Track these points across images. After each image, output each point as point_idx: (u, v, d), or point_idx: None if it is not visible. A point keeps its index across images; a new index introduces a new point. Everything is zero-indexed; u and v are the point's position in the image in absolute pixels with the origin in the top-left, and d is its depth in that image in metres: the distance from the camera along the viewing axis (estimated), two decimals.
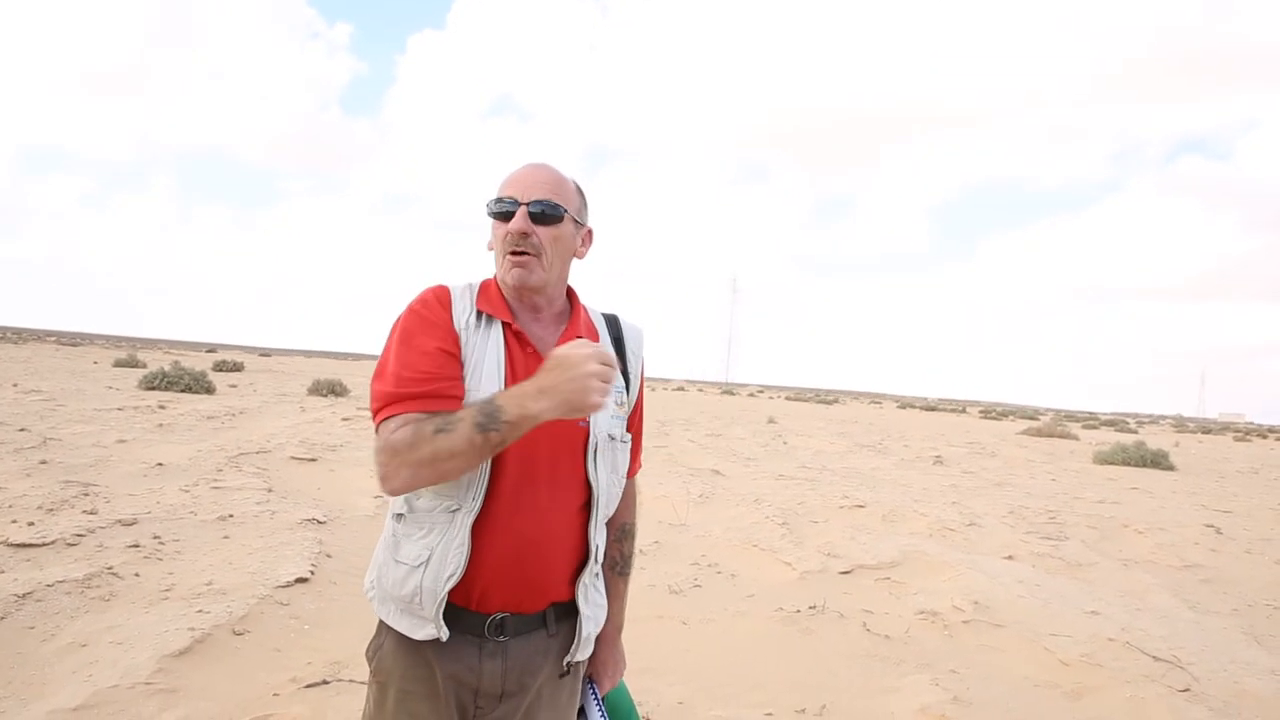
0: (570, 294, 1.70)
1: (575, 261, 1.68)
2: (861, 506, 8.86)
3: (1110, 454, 17.84)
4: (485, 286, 1.61)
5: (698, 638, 4.43)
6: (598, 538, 1.62)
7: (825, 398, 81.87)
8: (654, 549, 6.26)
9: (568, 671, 1.63)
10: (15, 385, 16.24)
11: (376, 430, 1.44)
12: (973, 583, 5.64)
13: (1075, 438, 28.71)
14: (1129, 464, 17.24)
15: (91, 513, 5.66)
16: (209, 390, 18.43)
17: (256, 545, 5.23)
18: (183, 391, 17.70)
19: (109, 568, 4.46)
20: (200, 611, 3.94)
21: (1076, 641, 4.55)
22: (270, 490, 7.10)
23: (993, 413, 63.16)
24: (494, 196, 1.59)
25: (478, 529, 1.48)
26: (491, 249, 1.63)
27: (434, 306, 1.54)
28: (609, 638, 1.77)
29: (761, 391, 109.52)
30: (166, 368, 19.42)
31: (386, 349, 1.52)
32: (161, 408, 13.66)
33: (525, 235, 1.53)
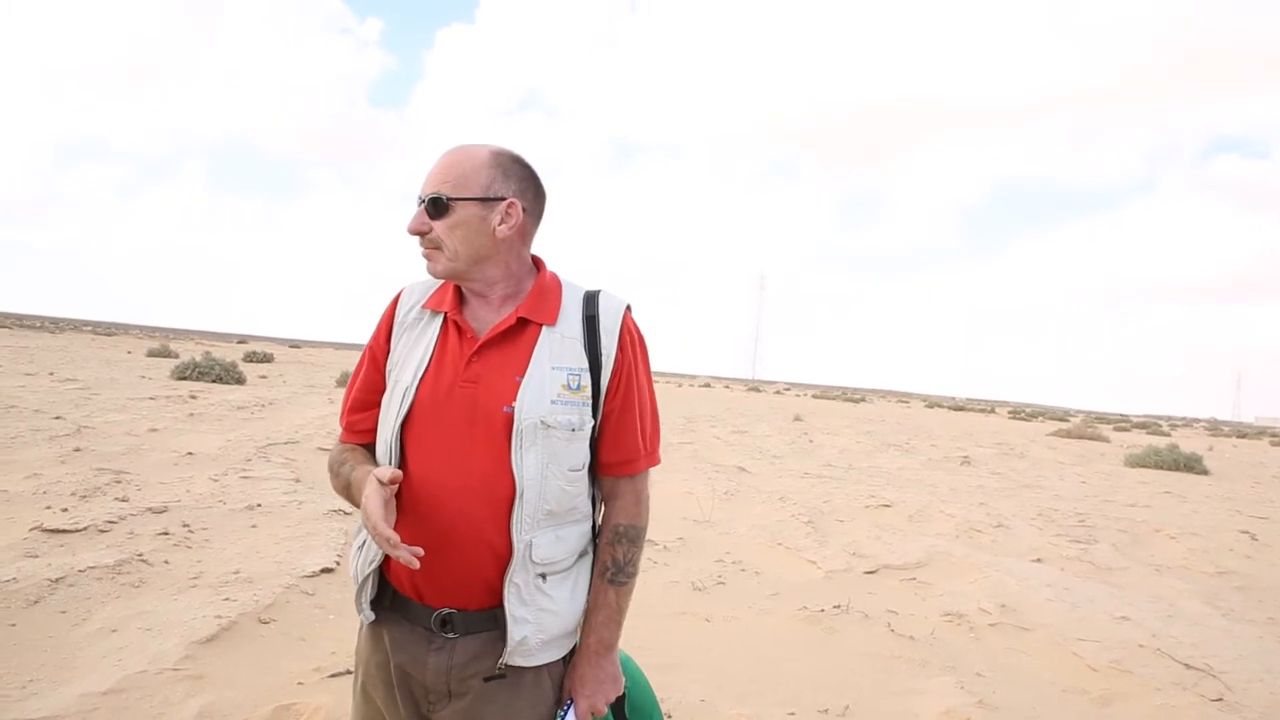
0: (539, 269, 1.64)
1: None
2: (888, 506, 8.80)
3: (1142, 457, 17.56)
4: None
5: (721, 635, 4.41)
6: (528, 535, 1.47)
7: (852, 396, 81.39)
8: (678, 545, 6.25)
9: (500, 675, 1.51)
10: (51, 374, 16.54)
11: None
12: (1000, 585, 5.57)
13: (1106, 440, 28.33)
14: (1161, 467, 16.96)
15: (123, 500, 5.75)
16: (239, 381, 18.67)
17: (283, 535, 5.29)
18: (214, 382, 17.95)
19: (139, 554, 4.53)
20: (227, 599, 3.99)
21: (1106, 647, 4.48)
22: (298, 480, 7.17)
23: (1022, 413, 62.44)
24: None
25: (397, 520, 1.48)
26: None
27: (380, 322, 1.65)
28: (589, 652, 1.59)
29: (788, 389, 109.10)
30: (198, 358, 19.69)
31: None
32: (193, 397, 13.85)
33: (421, 233, 1.52)
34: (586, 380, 1.53)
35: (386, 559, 1.54)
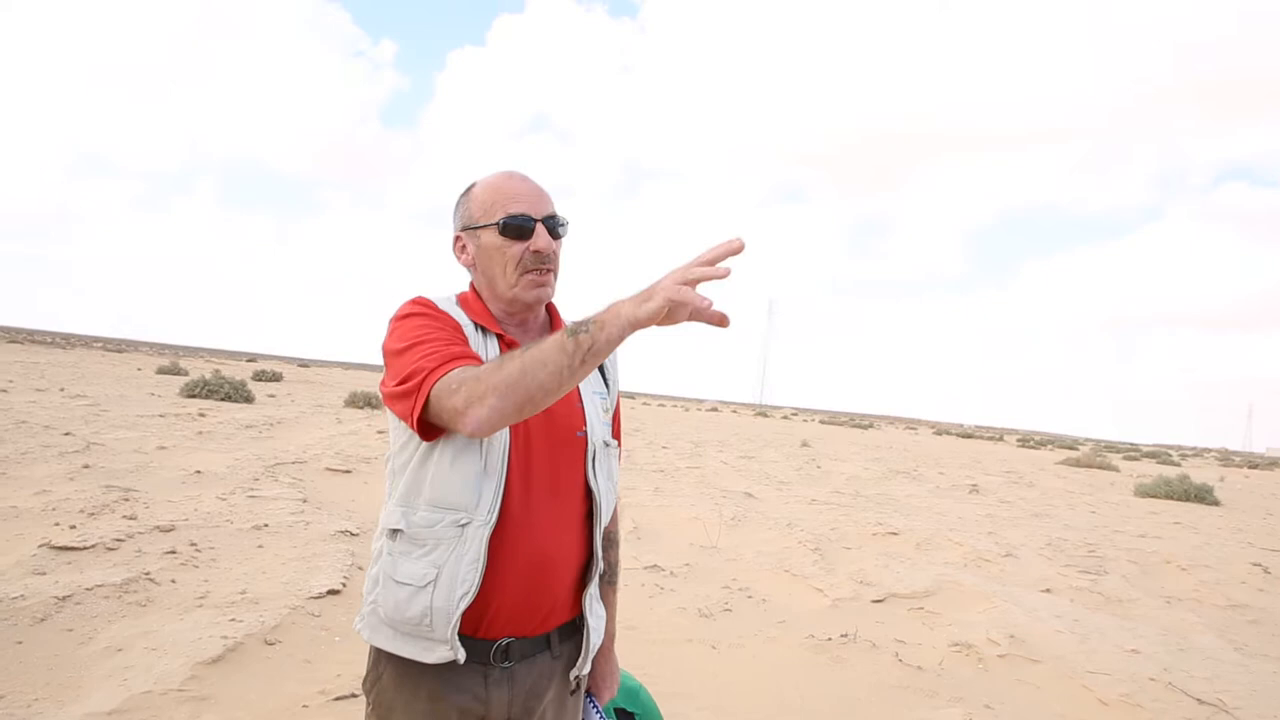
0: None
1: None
2: (895, 534, 8.74)
3: (1152, 487, 17.42)
4: (464, 300, 1.57)
5: (727, 663, 4.38)
6: (599, 547, 1.59)
7: (860, 422, 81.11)
8: (685, 571, 6.22)
9: (578, 687, 1.61)
10: (62, 390, 16.62)
11: (425, 395, 1.34)
12: (1008, 615, 5.52)
13: (1116, 469, 28.12)
14: (1172, 498, 16.82)
15: (131, 518, 5.76)
16: (248, 399, 18.73)
17: (290, 555, 5.29)
18: (223, 400, 18.01)
19: (146, 573, 4.53)
20: (233, 620, 3.98)
21: (1116, 680, 4.43)
22: (305, 501, 7.17)
23: (1031, 441, 62.08)
24: (503, 213, 1.50)
25: (493, 546, 1.41)
26: (468, 264, 1.59)
27: (434, 310, 1.50)
28: (604, 649, 1.75)
29: (795, 414, 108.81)
30: (207, 376, 19.78)
31: (400, 350, 1.42)
32: (202, 415, 13.89)
33: (550, 252, 1.52)
34: (608, 403, 1.66)
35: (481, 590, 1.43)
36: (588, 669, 1.61)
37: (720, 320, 1.17)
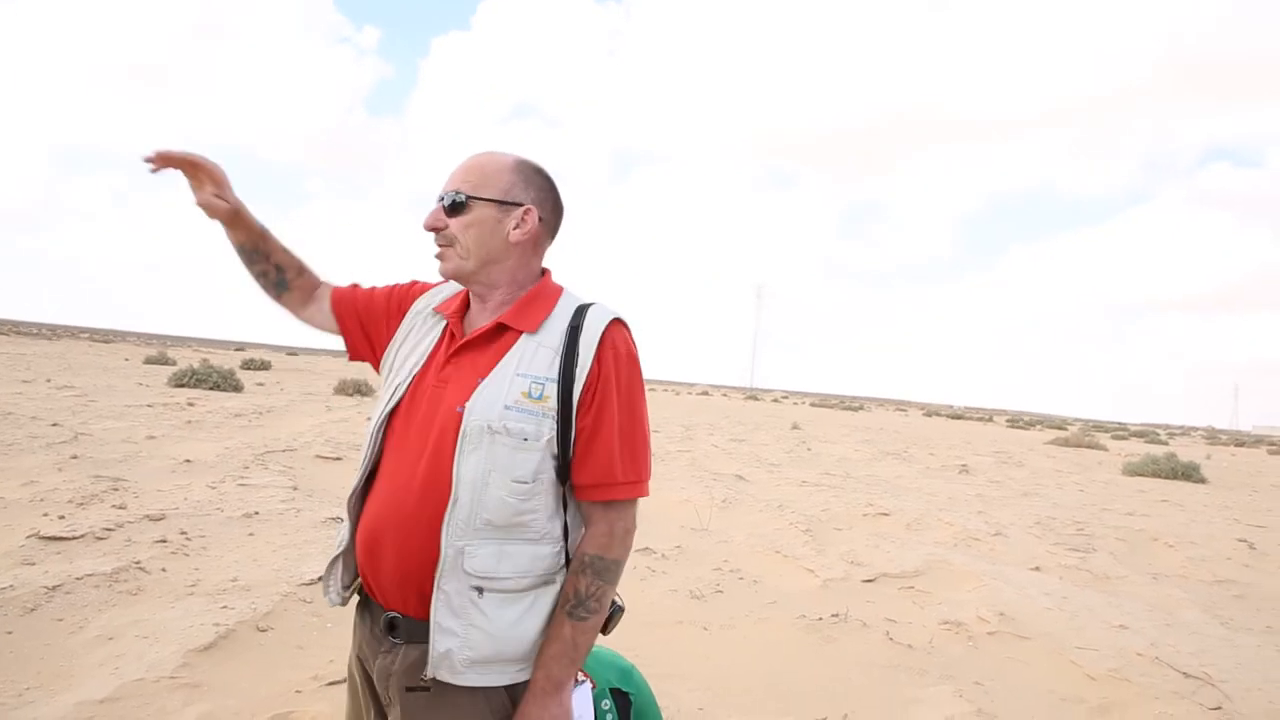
0: (545, 278, 1.61)
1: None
2: (886, 514, 8.79)
3: (1140, 465, 17.56)
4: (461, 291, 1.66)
5: (719, 644, 4.41)
6: (460, 541, 1.40)
7: (850, 404, 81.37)
8: (676, 554, 6.24)
9: (423, 688, 1.43)
10: (49, 381, 16.52)
11: None
12: (998, 593, 5.57)
13: (1104, 448, 28.33)
14: (1159, 476, 16.97)
15: (121, 507, 5.74)
16: (237, 388, 18.65)
17: (281, 543, 5.28)
18: (211, 389, 17.92)
19: (137, 562, 4.52)
20: (225, 607, 3.98)
21: (1104, 656, 4.48)
22: (295, 488, 7.16)
23: (1020, 422, 62.43)
24: None
25: (358, 508, 1.56)
26: None
27: (406, 286, 1.74)
28: (535, 688, 1.45)
29: (786, 397, 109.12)
30: (196, 365, 19.68)
31: None
32: (190, 405, 13.83)
33: (436, 228, 1.53)
34: (551, 390, 1.45)
35: (351, 547, 1.57)
36: (448, 677, 1.41)
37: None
